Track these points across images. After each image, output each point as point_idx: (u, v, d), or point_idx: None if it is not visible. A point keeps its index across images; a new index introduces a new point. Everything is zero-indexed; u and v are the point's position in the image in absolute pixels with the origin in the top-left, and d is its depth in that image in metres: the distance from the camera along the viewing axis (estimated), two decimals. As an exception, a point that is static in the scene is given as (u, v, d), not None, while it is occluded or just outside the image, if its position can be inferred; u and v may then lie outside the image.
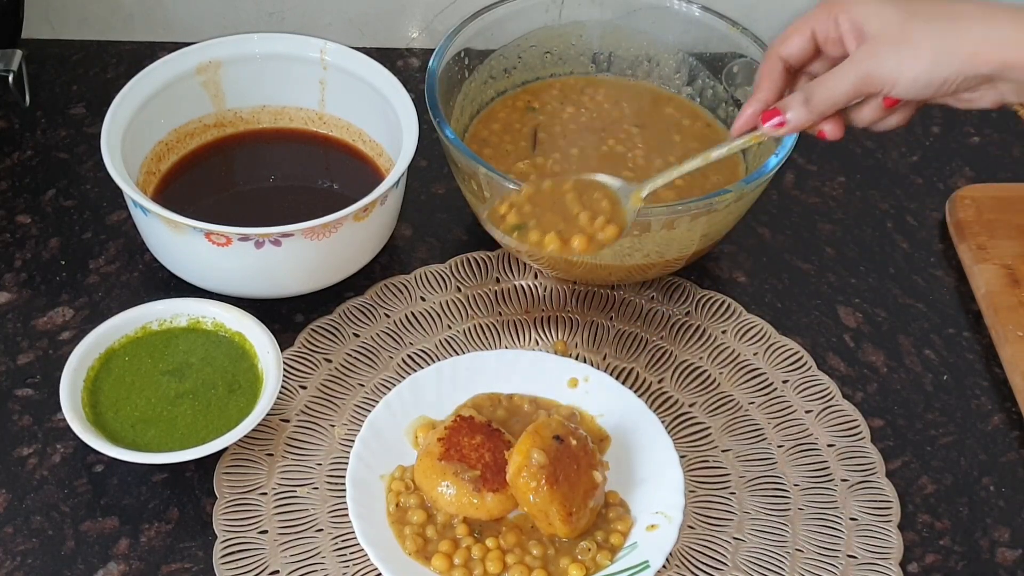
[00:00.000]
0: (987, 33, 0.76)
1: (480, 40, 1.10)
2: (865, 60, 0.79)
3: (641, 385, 1.00)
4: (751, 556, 0.91)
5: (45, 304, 1.03)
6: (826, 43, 0.82)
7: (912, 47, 0.77)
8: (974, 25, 0.77)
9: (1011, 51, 0.76)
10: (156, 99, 1.05)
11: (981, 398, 1.02)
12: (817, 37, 0.81)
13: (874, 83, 0.79)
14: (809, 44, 0.82)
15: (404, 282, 1.06)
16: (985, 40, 0.76)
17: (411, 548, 0.87)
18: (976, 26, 0.77)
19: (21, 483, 0.92)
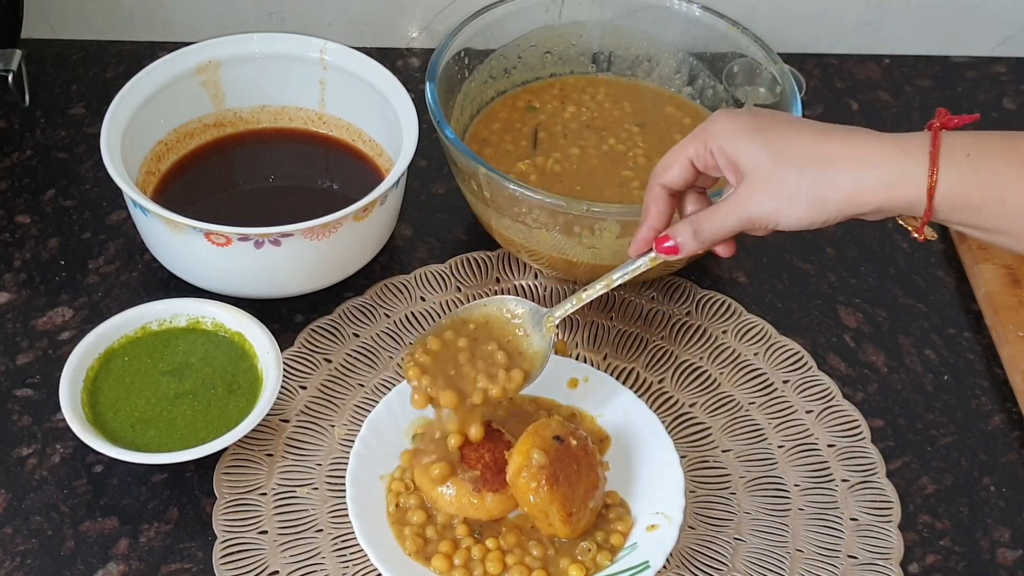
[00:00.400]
0: (856, 180, 0.77)
1: (480, 40, 1.10)
2: (745, 203, 0.80)
3: (641, 385, 1.00)
4: (751, 556, 0.91)
5: (45, 304, 1.03)
6: (705, 169, 0.83)
7: (787, 194, 0.78)
8: (844, 171, 0.77)
9: (882, 195, 0.77)
10: (156, 99, 1.05)
11: (981, 398, 1.02)
12: (696, 165, 0.83)
13: (757, 223, 0.81)
14: (689, 172, 0.83)
15: (404, 282, 1.06)
16: (856, 186, 0.77)
17: (411, 548, 0.87)
18: (846, 173, 0.77)
19: (21, 483, 0.92)
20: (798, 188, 0.78)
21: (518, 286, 1.06)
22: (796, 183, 0.78)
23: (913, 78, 1.29)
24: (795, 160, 0.78)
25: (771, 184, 0.78)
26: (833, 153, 0.78)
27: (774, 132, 0.79)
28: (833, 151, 0.78)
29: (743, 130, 0.80)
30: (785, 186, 0.78)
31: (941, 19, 1.28)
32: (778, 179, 0.78)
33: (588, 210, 0.94)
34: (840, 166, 0.77)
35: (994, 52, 1.31)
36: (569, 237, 0.97)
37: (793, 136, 0.79)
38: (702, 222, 0.83)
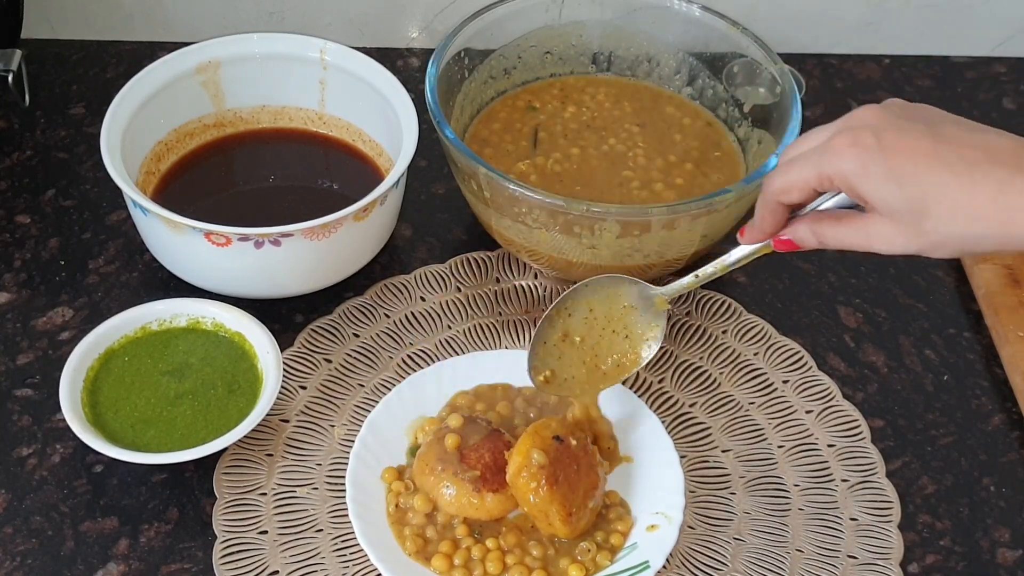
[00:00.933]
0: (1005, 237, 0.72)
1: (480, 40, 1.10)
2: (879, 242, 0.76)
3: (641, 385, 1.00)
4: (751, 556, 0.91)
5: (45, 304, 1.03)
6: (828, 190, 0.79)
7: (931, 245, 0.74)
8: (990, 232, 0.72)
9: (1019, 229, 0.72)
10: (156, 99, 1.05)
11: (981, 398, 1.02)
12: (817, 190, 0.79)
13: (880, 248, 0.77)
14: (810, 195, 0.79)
15: (404, 282, 1.06)
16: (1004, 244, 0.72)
17: (411, 549, 0.87)
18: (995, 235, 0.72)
19: (21, 483, 0.92)
20: (943, 241, 0.73)
21: (518, 286, 1.06)
22: (940, 236, 0.73)
23: (913, 78, 1.29)
24: (938, 216, 0.72)
25: (910, 230, 0.74)
26: (981, 214, 0.71)
27: (911, 177, 0.72)
28: (981, 211, 0.71)
29: (872, 172, 0.73)
30: (927, 237, 0.73)
31: (941, 19, 1.28)
32: (919, 228, 0.73)
33: (588, 210, 0.94)
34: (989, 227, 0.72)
35: (994, 52, 1.31)
36: (569, 237, 0.97)
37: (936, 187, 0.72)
38: (827, 233, 0.79)
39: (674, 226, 0.96)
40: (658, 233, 0.97)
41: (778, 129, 1.04)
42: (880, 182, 0.73)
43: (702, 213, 0.96)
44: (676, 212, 0.95)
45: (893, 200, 0.73)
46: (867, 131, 0.74)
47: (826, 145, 0.76)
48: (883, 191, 0.73)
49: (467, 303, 1.05)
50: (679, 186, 1.05)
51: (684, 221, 0.96)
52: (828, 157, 0.75)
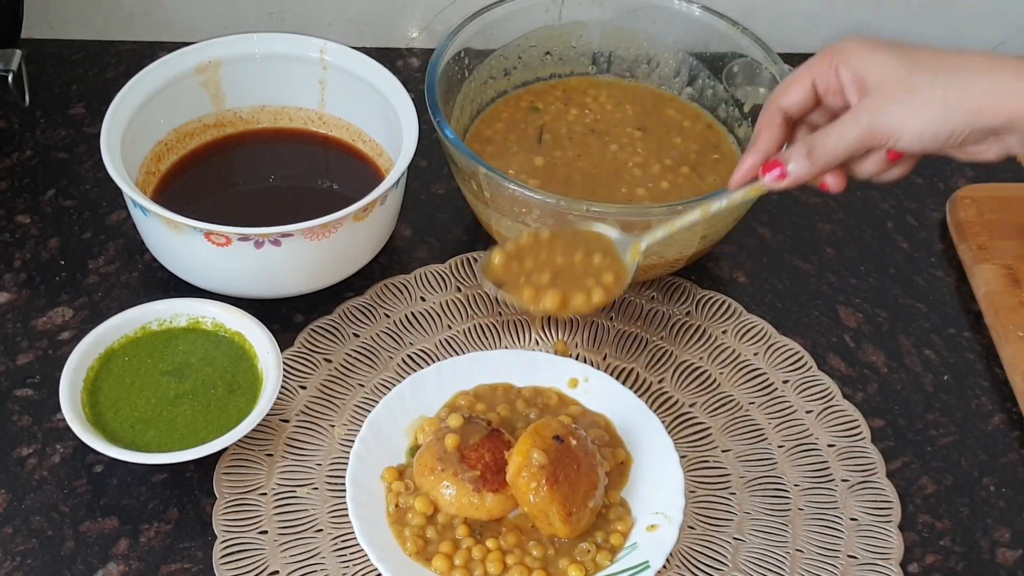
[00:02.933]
0: (993, 86, 0.75)
1: (480, 40, 1.10)
2: (869, 113, 0.78)
3: (641, 385, 1.00)
4: (751, 556, 0.91)
5: (45, 304, 1.03)
6: (827, 94, 0.80)
7: (917, 100, 0.76)
8: (980, 77, 0.76)
9: (1017, 103, 0.75)
10: (156, 99, 1.05)
11: (981, 398, 1.02)
12: (817, 88, 0.80)
13: (879, 136, 0.78)
14: (809, 95, 0.81)
15: (404, 282, 1.06)
16: (991, 92, 0.75)
17: (411, 549, 0.87)
18: (982, 79, 0.75)
19: (21, 483, 0.92)
20: (930, 93, 0.76)
21: (518, 286, 1.06)
22: (928, 87, 0.76)
23: (913, 78, 1.29)
24: (929, 67, 0.76)
25: (900, 91, 0.76)
26: (971, 62, 0.76)
27: (908, 47, 0.78)
28: (971, 60, 0.76)
29: (876, 45, 0.78)
30: (916, 92, 0.76)
31: (941, 19, 1.28)
32: (908, 86, 0.76)
33: (588, 210, 0.94)
34: (976, 73, 0.75)
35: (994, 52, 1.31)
36: (569, 237, 0.97)
37: (929, 50, 0.77)
38: (817, 140, 0.80)
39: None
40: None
41: (778, 129, 1.04)
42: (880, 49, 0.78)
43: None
44: (676, 212, 0.95)
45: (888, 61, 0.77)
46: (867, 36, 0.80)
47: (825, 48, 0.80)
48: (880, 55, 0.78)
49: (467, 303, 1.05)
50: (680, 185, 1.06)
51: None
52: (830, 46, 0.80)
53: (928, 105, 0.76)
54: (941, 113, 0.76)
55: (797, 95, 0.81)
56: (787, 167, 0.81)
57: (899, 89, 0.77)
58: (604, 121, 1.12)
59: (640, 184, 1.06)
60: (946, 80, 0.76)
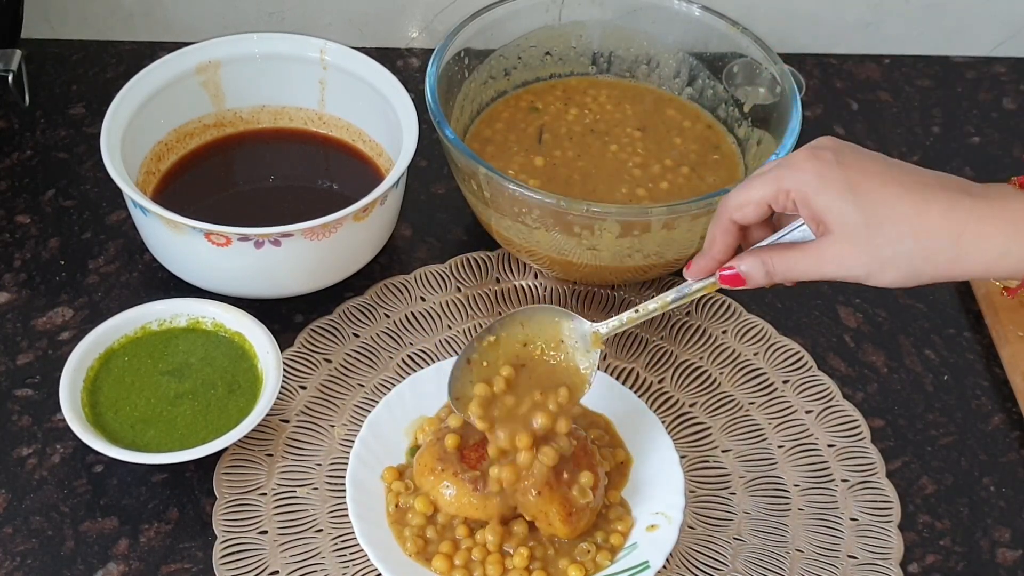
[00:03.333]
0: (958, 256, 0.74)
1: (480, 40, 1.10)
2: (831, 261, 0.77)
3: (641, 385, 1.00)
4: (751, 556, 0.91)
5: (45, 304, 1.03)
6: (783, 211, 0.79)
7: (880, 260, 0.75)
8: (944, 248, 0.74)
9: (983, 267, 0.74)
10: (156, 99, 1.05)
11: (981, 398, 1.02)
12: (772, 207, 0.79)
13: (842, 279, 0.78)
14: (764, 211, 0.79)
15: (404, 282, 1.06)
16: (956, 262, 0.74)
17: (411, 549, 0.87)
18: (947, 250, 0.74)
19: (21, 483, 0.92)
20: (893, 257, 0.74)
21: (518, 286, 1.06)
22: (891, 251, 0.74)
23: (913, 78, 1.29)
24: (891, 230, 0.74)
25: (862, 246, 0.75)
26: (933, 227, 0.73)
27: (866, 191, 0.74)
28: (933, 225, 0.73)
29: (830, 184, 0.75)
30: (879, 252, 0.74)
31: (941, 19, 1.28)
32: (871, 243, 0.74)
33: (588, 210, 0.94)
34: (940, 242, 0.73)
35: (994, 52, 1.31)
36: (569, 237, 0.97)
37: (889, 201, 0.74)
38: (776, 264, 0.79)
39: (674, 226, 0.96)
40: (658, 233, 0.97)
41: (778, 129, 1.04)
42: (836, 194, 0.75)
43: (702, 213, 0.96)
44: (676, 212, 0.95)
45: (848, 212, 0.74)
46: (826, 150, 0.76)
47: (785, 160, 0.77)
48: (839, 203, 0.75)
49: (467, 303, 1.05)
50: (680, 185, 1.05)
51: (684, 221, 0.96)
52: (786, 170, 0.76)
53: (891, 266, 0.75)
54: (906, 275, 0.76)
55: (752, 213, 0.79)
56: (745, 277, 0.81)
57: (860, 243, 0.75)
58: (604, 121, 1.12)
59: (640, 184, 1.06)
60: (909, 248, 0.74)
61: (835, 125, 1.23)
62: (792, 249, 0.79)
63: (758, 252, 0.81)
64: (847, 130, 1.22)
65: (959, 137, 1.23)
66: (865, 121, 1.24)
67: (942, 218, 0.74)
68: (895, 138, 1.22)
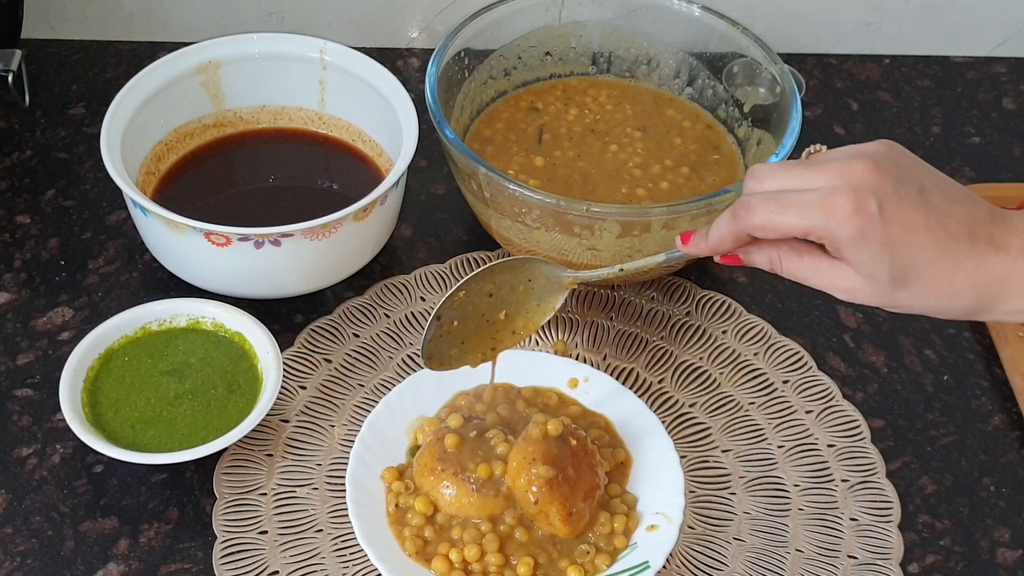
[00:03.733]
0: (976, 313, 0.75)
1: (480, 40, 1.10)
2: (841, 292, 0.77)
3: (641, 385, 1.00)
4: (751, 556, 0.91)
5: (45, 304, 1.03)
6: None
7: (893, 307, 0.77)
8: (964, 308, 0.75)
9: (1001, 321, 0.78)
10: (156, 99, 1.05)
11: (981, 398, 1.02)
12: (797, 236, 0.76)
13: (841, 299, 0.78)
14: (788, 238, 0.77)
15: (404, 282, 1.06)
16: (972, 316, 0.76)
17: (411, 549, 0.87)
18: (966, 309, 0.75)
19: (21, 483, 0.92)
20: (909, 308, 0.76)
21: (518, 286, 1.06)
22: (909, 304, 0.75)
23: (913, 78, 1.29)
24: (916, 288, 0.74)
25: (881, 295, 0.75)
26: (957, 291, 0.74)
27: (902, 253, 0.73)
28: (958, 290, 0.74)
29: (868, 241, 0.73)
30: (896, 301, 0.75)
31: (941, 19, 1.28)
32: (892, 295, 0.75)
33: (588, 210, 0.94)
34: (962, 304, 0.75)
35: (994, 52, 1.31)
36: (569, 237, 0.97)
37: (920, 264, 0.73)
38: (784, 264, 0.78)
39: (674, 226, 0.96)
40: (658, 233, 0.97)
41: (778, 129, 1.04)
42: (872, 253, 0.73)
43: (702, 213, 0.96)
44: (676, 212, 0.95)
45: (879, 271, 0.74)
46: (870, 196, 0.73)
47: (827, 201, 0.73)
48: (871, 261, 0.74)
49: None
50: (680, 185, 1.05)
51: (684, 221, 0.96)
52: (828, 217, 0.73)
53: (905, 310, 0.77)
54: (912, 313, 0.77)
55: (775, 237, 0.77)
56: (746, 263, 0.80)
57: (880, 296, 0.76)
58: (604, 121, 1.12)
59: (640, 184, 1.06)
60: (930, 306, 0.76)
61: (835, 125, 1.23)
62: (805, 257, 0.77)
63: (768, 247, 0.78)
64: (847, 130, 1.22)
65: (959, 137, 1.23)
66: (865, 121, 1.24)
67: (967, 282, 0.74)
68: (895, 138, 1.20)
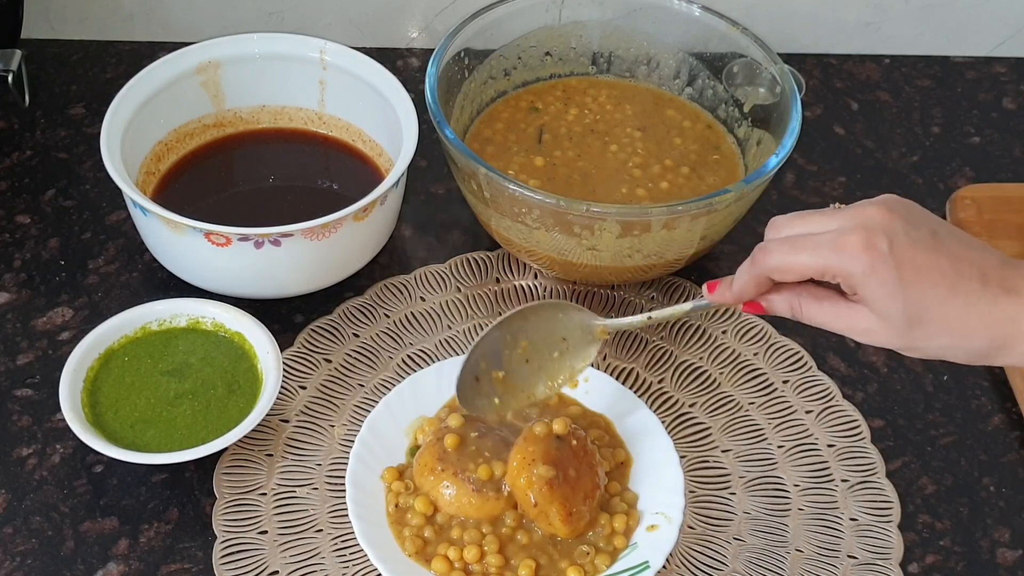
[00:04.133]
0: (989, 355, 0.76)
1: (480, 40, 1.10)
2: (860, 335, 0.78)
3: (641, 385, 1.00)
4: (751, 556, 0.91)
5: (45, 304, 1.03)
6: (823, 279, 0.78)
7: (909, 349, 0.77)
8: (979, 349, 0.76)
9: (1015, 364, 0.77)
10: (156, 99, 1.05)
11: (981, 398, 1.02)
12: (814, 279, 0.78)
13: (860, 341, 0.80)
14: (804, 279, 0.79)
15: (404, 282, 1.06)
16: (987, 359, 0.76)
17: (411, 549, 0.87)
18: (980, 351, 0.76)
19: (21, 483, 0.92)
20: (925, 349, 0.77)
21: (518, 286, 1.06)
22: (925, 344, 0.76)
23: (913, 78, 1.29)
24: (931, 328, 0.75)
25: (897, 336, 0.76)
26: (971, 331, 0.75)
27: (915, 292, 0.74)
28: (970, 330, 0.75)
29: (880, 279, 0.74)
30: (913, 342, 0.76)
31: (941, 19, 1.28)
32: (908, 335, 0.76)
33: (588, 210, 0.94)
34: (976, 344, 0.76)
35: (994, 52, 1.31)
36: (569, 237, 0.97)
37: (933, 305, 0.74)
38: (805, 310, 0.79)
39: (674, 226, 0.96)
40: (658, 233, 0.97)
41: (778, 129, 1.04)
42: (886, 291, 0.74)
43: (702, 213, 0.96)
44: (676, 212, 0.95)
45: (893, 308, 0.75)
46: (881, 235, 0.74)
47: (839, 240, 0.75)
48: (887, 300, 0.74)
49: (467, 303, 1.05)
50: (680, 185, 1.05)
51: (684, 221, 0.96)
52: (840, 254, 0.75)
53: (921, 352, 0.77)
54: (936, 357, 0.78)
55: (791, 278, 0.79)
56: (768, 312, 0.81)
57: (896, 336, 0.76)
58: (604, 121, 1.12)
59: (640, 184, 1.06)
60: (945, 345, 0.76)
61: (835, 125, 1.23)
62: (823, 304, 0.78)
63: (788, 293, 0.80)
64: (847, 130, 1.22)
65: (959, 137, 1.23)
66: (865, 121, 1.24)
67: (980, 323, 0.75)
68: (895, 138, 1.22)
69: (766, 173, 0.98)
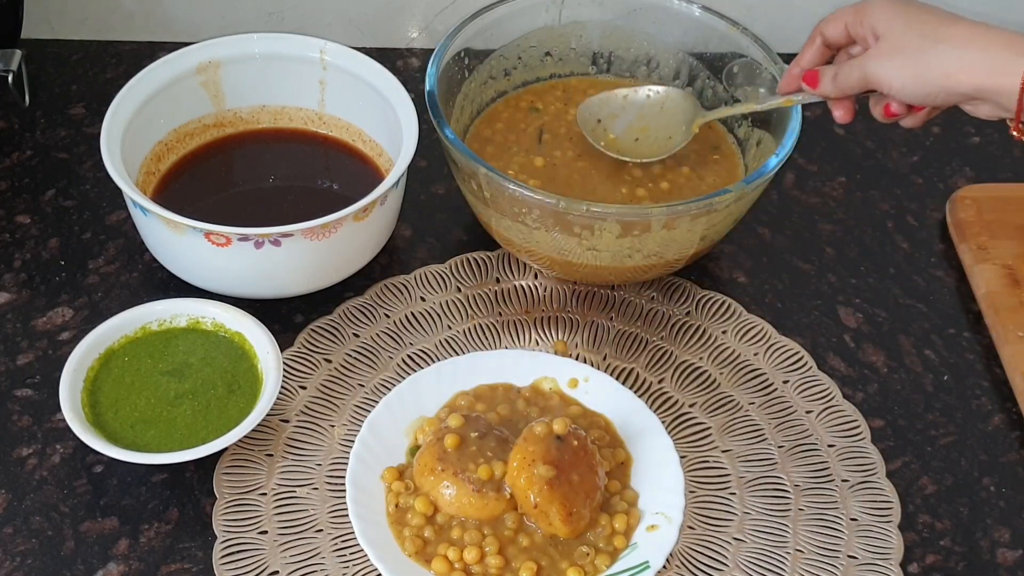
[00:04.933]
0: (960, 57, 0.86)
1: (480, 40, 1.10)
2: (867, 62, 0.90)
3: (641, 385, 1.00)
4: (751, 556, 0.91)
5: (45, 304, 1.03)
6: (855, 35, 0.93)
7: (900, 60, 0.88)
8: (951, 49, 0.86)
9: (978, 78, 0.86)
10: (156, 99, 1.05)
11: (981, 398, 1.02)
12: (848, 30, 0.94)
13: (872, 83, 0.91)
14: (842, 33, 0.94)
15: (404, 282, 1.06)
16: (958, 65, 0.86)
17: (411, 549, 0.87)
18: (953, 50, 0.86)
19: (21, 483, 0.92)
20: (911, 54, 0.87)
21: (518, 286, 1.06)
22: (913, 51, 0.87)
23: (913, 78, 1.28)
24: (919, 31, 0.87)
25: (895, 48, 0.88)
26: (952, 33, 0.86)
27: (916, 8, 0.89)
28: (952, 32, 0.86)
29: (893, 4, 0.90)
30: (904, 52, 0.87)
31: (941, 19, 1.28)
32: (901, 45, 0.88)
33: (588, 210, 0.94)
34: (951, 43, 0.86)
35: (994, 52, 1.31)
36: (569, 237, 0.97)
37: (930, 14, 0.88)
38: (840, 69, 0.93)
39: (674, 226, 0.96)
40: (658, 233, 0.97)
41: (778, 129, 1.04)
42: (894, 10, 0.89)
43: (702, 213, 0.96)
44: (676, 212, 0.95)
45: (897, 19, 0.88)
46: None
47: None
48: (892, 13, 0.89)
49: (467, 303, 1.05)
50: (680, 185, 1.05)
51: (684, 221, 0.96)
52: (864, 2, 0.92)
53: (906, 67, 0.88)
54: (915, 76, 0.88)
55: (832, 29, 0.95)
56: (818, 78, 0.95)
57: (893, 46, 0.88)
58: (604, 121, 1.12)
59: (640, 184, 1.06)
60: (926, 48, 0.87)
61: (835, 125, 1.23)
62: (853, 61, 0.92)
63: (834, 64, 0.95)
64: (847, 130, 1.22)
65: (959, 137, 1.23)
66: (865, 121, 1.23)
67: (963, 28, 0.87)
68: (895, 138, 1.22)
69: (766, 173, 0.98)
